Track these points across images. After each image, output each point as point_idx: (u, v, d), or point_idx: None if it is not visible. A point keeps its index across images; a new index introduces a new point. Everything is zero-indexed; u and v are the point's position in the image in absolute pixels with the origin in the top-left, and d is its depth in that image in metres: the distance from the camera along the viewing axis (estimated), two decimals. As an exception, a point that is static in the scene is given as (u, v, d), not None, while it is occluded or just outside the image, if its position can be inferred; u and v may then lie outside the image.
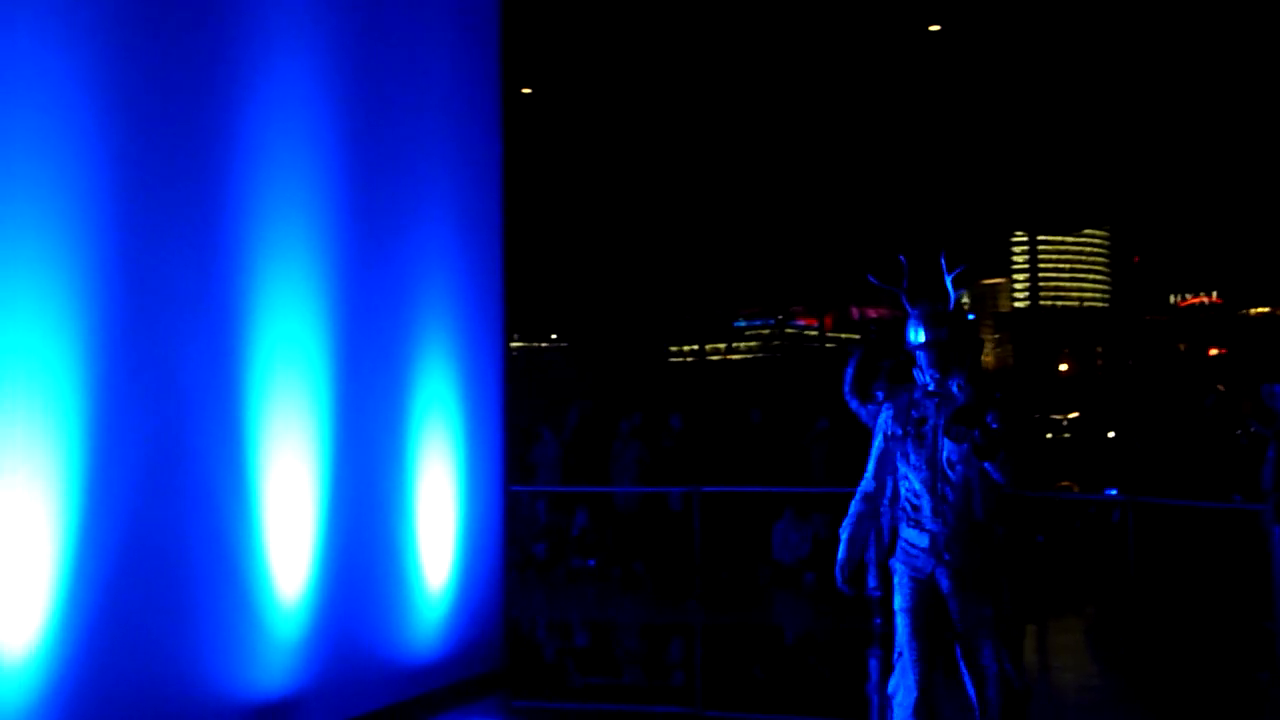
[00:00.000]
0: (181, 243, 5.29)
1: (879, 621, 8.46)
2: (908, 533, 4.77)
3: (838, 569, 4.80)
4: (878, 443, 4.89)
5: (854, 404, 8.30)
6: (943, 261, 4.94)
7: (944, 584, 4.68)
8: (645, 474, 12.27)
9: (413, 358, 6.61)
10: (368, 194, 6.32)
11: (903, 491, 4.82)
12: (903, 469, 4.81)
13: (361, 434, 6.20)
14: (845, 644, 9.03)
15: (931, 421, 4.74)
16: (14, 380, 4.59)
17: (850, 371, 8.17)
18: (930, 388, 4.77)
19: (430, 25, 6.83)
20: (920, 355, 4.80)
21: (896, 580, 4.78)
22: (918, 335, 4.79)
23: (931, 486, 4.70)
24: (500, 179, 7.39)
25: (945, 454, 4.69)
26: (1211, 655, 8.56)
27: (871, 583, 8.51)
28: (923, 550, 4.71)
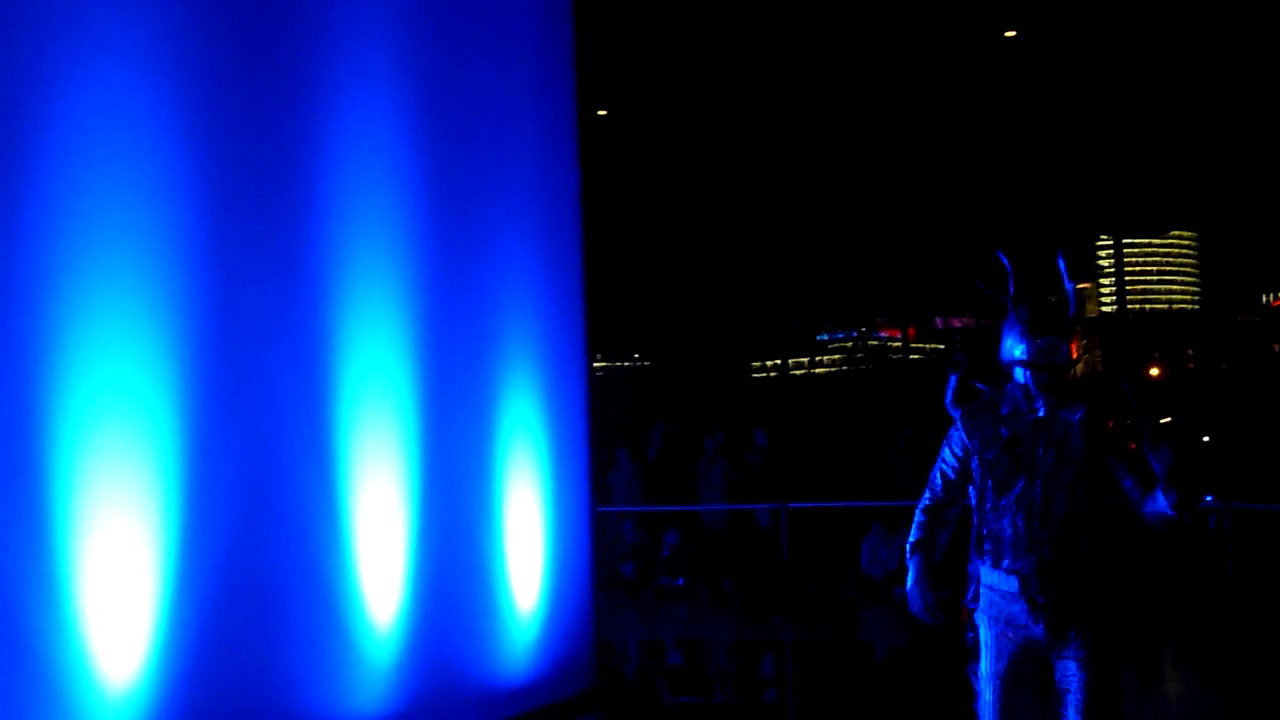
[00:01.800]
0: (269, 274, 5.39)
1: (972, 636, 8.33)
2: (989, 576, 4.01)
3: (911, 595, 4.14)
4: (943, 464, 4.20)
5: (956, 415, 8.12)
6: (1061, 262, 4.27)
7: (1042, 634, 3.91)
8: (732, 491, 12.25)
9: (497, 381, 6.67)
10: (448, 219, 6.40)
11: (981, 528, 4.05)
12: (981, 501, 4.05)
13: (449, 458, 6.26)
14: (938, 660, 8.94)
15: (1032, 450, 3.97)
16: (114, 416, 4.70)
17: (954, 381, 8.02)
18: (1039, 414, 4.00)
19: (506, 52, 6.91)
20: (1026, 375, 4.02)
21: (983, 637, 4.06)
22: (1026, 348, 4.02)
23: (1026, 522, 3.95)
24: (579, 199, 7.45)
25: (1040, 488, 3.94)
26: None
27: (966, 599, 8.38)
28: (1010, 594, 3.94)
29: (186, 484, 4.94)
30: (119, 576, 4.67)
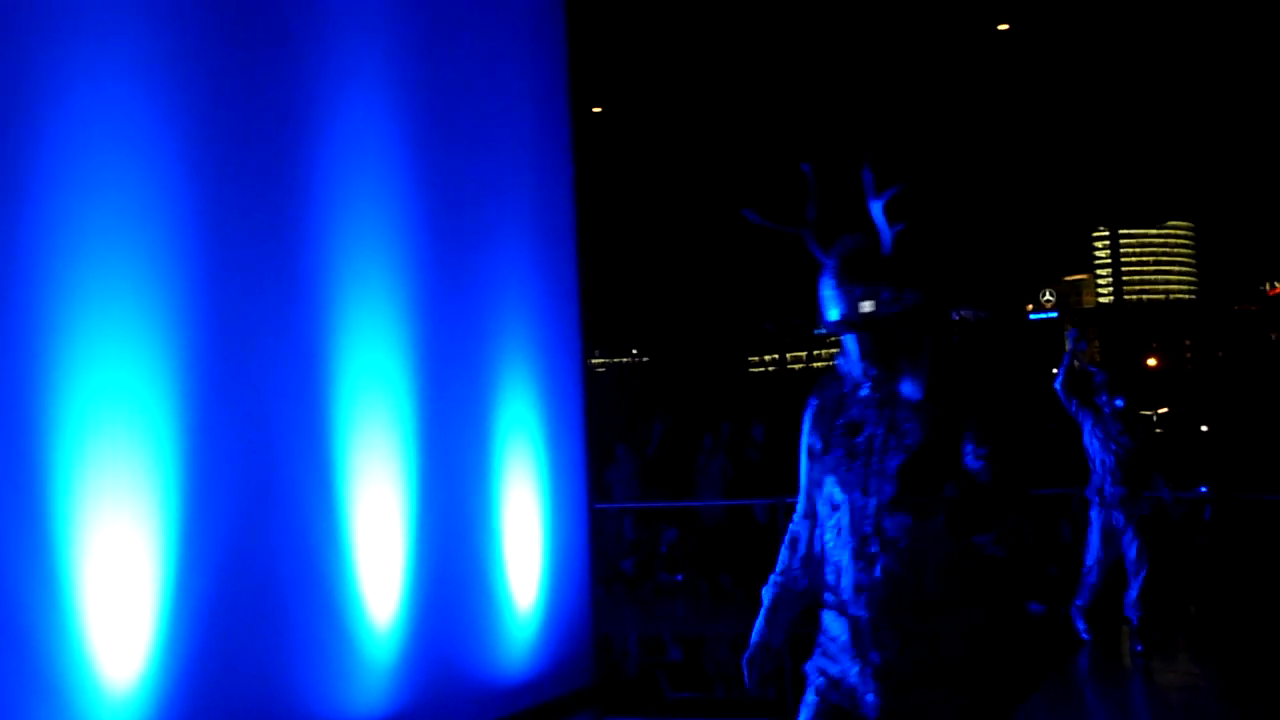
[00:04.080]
0: (264, 276, 5.41)
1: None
2: (825, 617, 3.09)
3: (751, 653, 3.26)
4: (804, 469, 3.19)
5: (1067, 401, 7.94)
6: (867, 179, 3.13)
7: (870, 704, 2.95)
8: (730, 487, 12.28)
9: (494, 379, 6.69)
10: (443, 219, 6.41)
11: (823, 547, 3.10)
12: (823, 511, 3.09)
13: (447, 457, 6.28)
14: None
15: (868, 432, 3.02)
16: (113, 419, 4.72)
17: (1066, 361, 7.81)
18: (864, 392, 3.06)
19: (498, 51, 6.92)
20: (852, 341, 3.04)
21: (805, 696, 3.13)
22: (838, 303, 3.04)
23: (857, 543, 2.97)
24: (573, 197, 7.46)
25: (875, 498, 2.95)
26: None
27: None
28: (840, 647, 3.01)
29: (185, 486, 4.96)
30: (119, 578, 4.69)
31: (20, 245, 4.53)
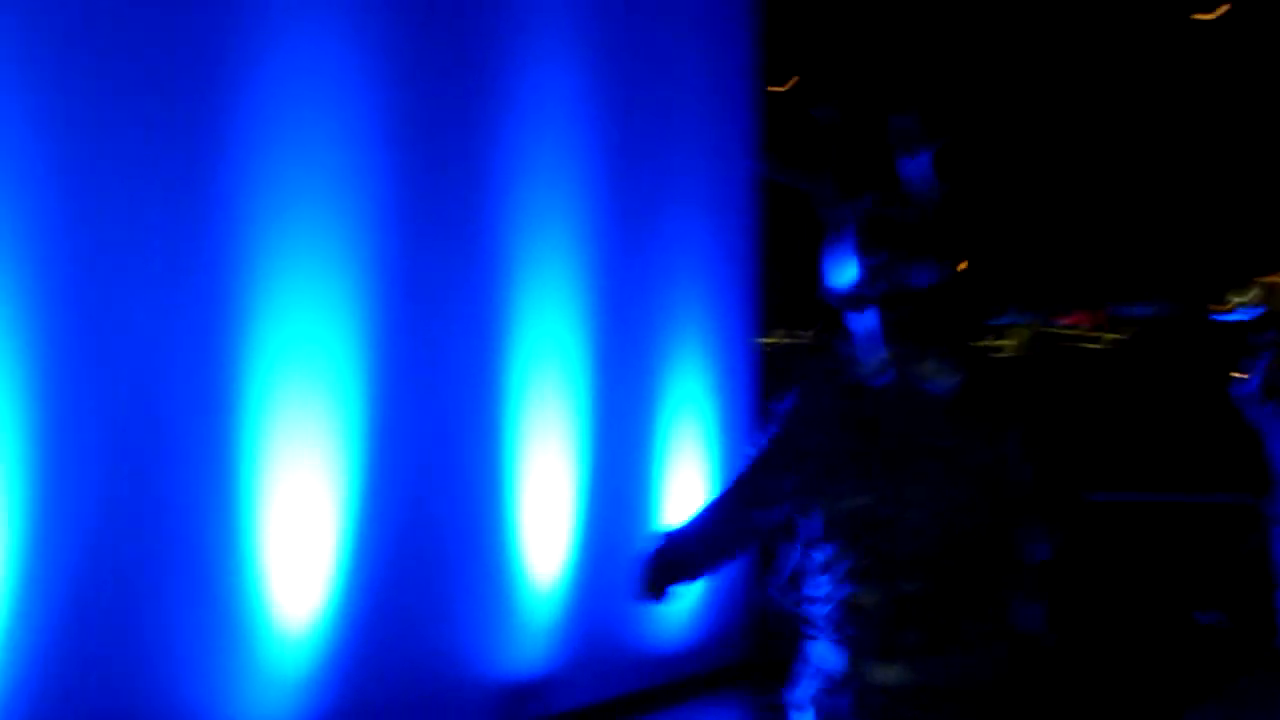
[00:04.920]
0: (450, 234, 5.58)
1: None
2: (813, 648, 2.56)
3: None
4: (769, 466, 2.60)
5: (1260, 407, 7.18)
6: (906, 124, 2.71)
7: None
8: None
9: (666, 352, 6.76)
10: (623, 190, 6.49)
11: (810, 565, 2.56)
12: (808, 527, 2.54)
13: (615, 426, 6.38)
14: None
15: (883, 438, 2.48)
16: (304, 374, 4.94)
17: (1267, 360, 7.08)
18: (887, 380, 2.50)
19: (683, 19, 6.93)
20: (860, 321, 2.50)
21: None
22: (857, 270, 2.47)
23: (877, 563, 2.46)
24: (751, 171, 7.45)
25: (890, 502, 2.45)
26: None
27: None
28: (838, 680, 2.50)
29: (367, 440, 5.16)
30: (304, 527, 4.91)
31: (217, 198, 4.75)
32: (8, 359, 4.11)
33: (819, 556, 2.53)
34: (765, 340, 7.39)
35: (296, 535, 4.89)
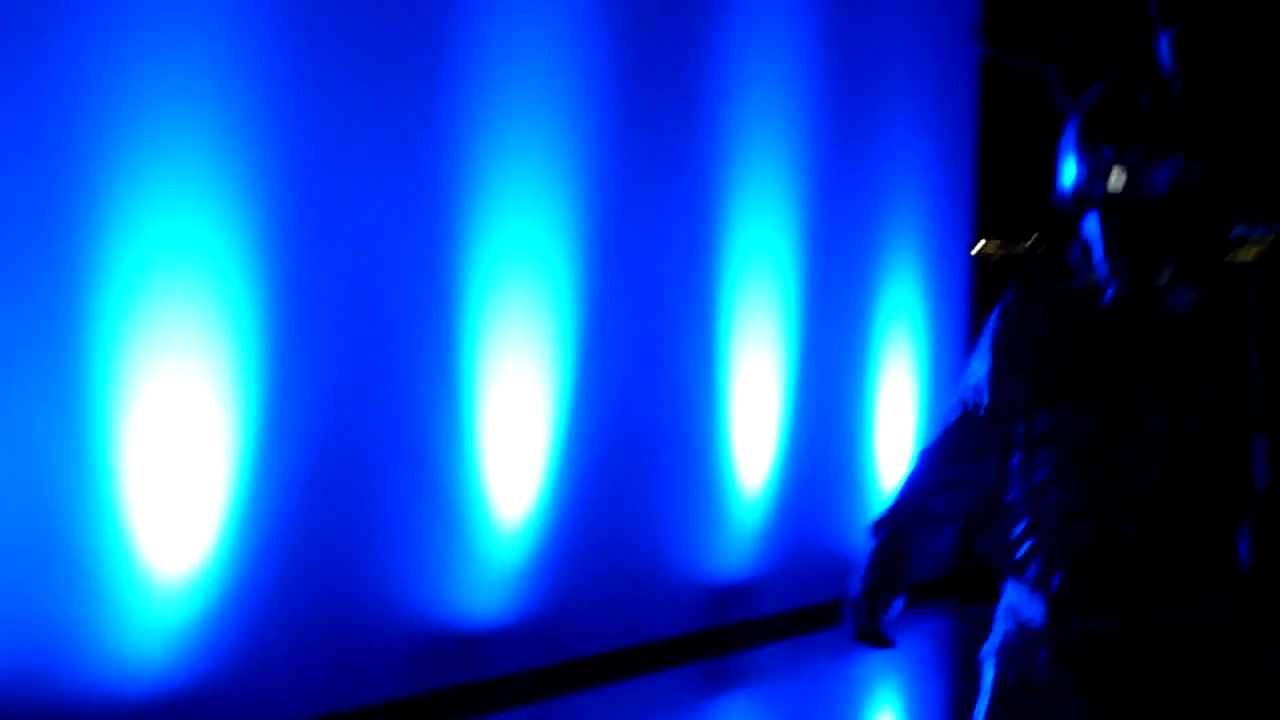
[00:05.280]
0: (666, 142, 5.62)
1: None
2: (1015, 593, 2.37)
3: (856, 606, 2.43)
4: (965, 392, 2.40)
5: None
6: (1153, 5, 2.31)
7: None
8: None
9: (880, 261, 6.69)
10: (840, 93, 6.38)
11: (1017, 492, 2.33)
12: (1024, 464, 2.29)
13: (826, 337, 6.37)
14: None
15: (1104, 362, 2.21)
16: (523, 277, 5.08)
17: None
18: (1111, 298, 2.23)
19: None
20: (1094, 223, 2.22)
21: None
22: (1080, 169, 2.21)
23: (1086, 494, 2.22)
24: (976, 83, 7.25)
25: (1112, 431, 2.20)
26: None
27: None
28: (1033, 634, 2.29)
29: (580, 342, 5.28)
30: (517, 425, 5.08)
31: (446, 93, 4.87)
32: (249, 240, 4.32)
33: (1021, 488, 2.30)
34: (984, 249, 7.20)
35: (512, 434, 5.07)
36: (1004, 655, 2.35)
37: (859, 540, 2.45)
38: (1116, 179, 2.15)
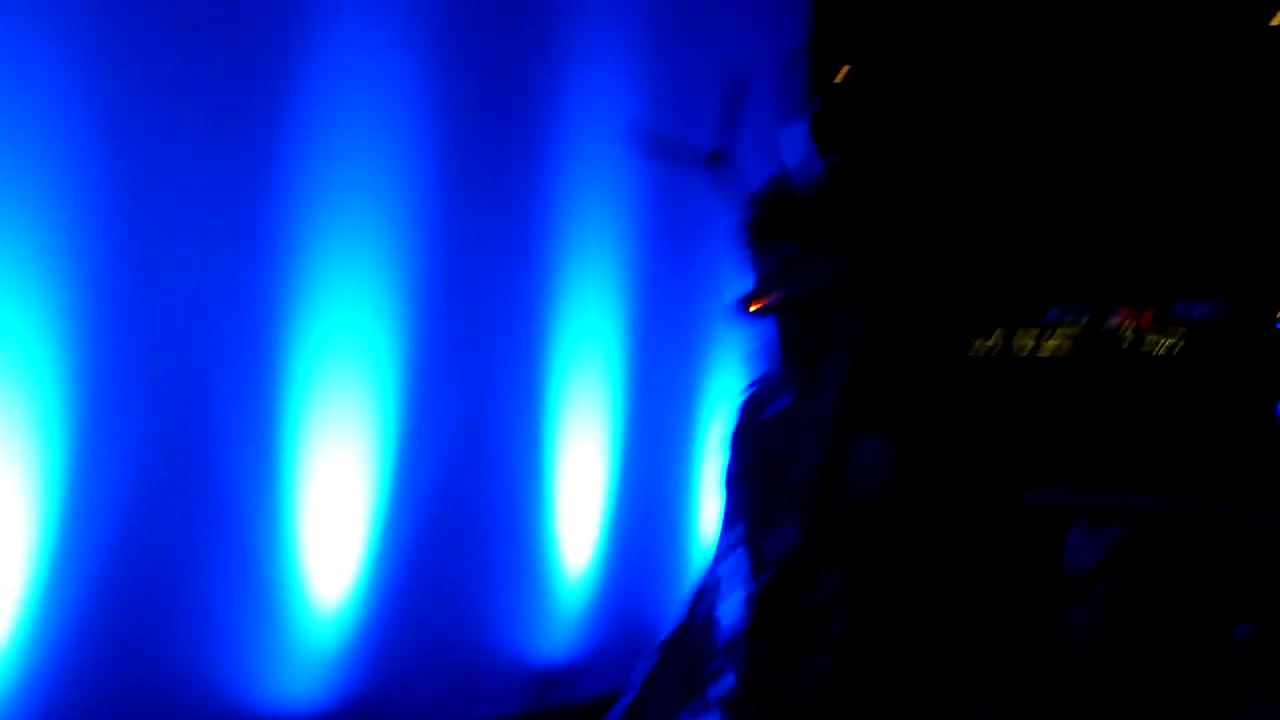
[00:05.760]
0: (491, 231, 5.65)
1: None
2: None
3: None
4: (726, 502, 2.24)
5: None
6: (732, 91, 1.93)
7: None
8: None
9: (705, 349, 6.79)
10: (669, 198, 6.50)
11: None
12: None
13: (653, 421, 6.43)
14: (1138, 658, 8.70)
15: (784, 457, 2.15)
16: (343, 363, 5.05)
17: None
18: (781, 403, 2.15)
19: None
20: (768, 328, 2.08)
21: None
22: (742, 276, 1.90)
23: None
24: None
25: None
26: None
27: None
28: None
29: (402, 426, 5.27)
30: (337, 510, 5.04)
31: (275, 189, 4.83)
32: (53, 339, 4.22)
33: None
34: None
35: (332, 519, 5.00)
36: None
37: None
38: (774, 279, 1.85)
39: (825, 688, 2.15)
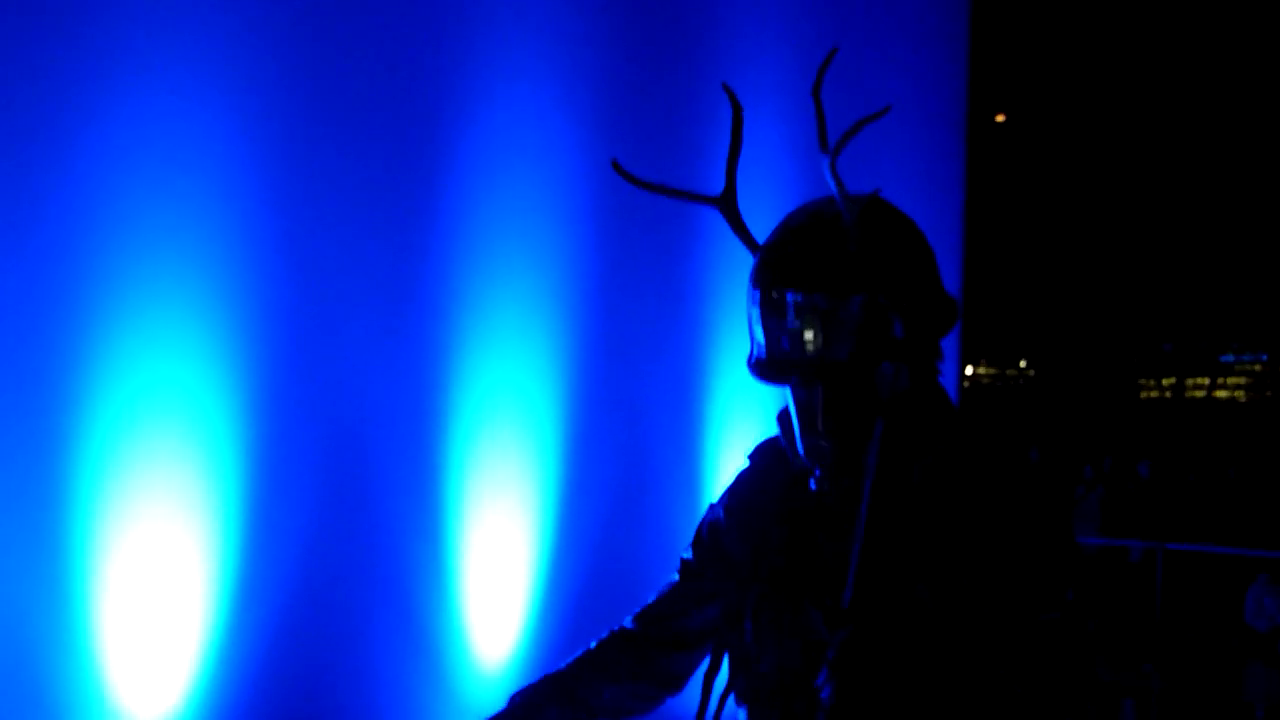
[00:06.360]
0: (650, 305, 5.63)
1: None
2: None
3: None
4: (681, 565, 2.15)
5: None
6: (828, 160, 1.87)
7: None
8: (1106, 524, 11.77)
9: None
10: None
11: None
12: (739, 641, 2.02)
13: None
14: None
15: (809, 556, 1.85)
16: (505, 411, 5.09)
17: None
18: (814, 484, 1.91)
19: (894, 50, 6.81)
20: (787, 397, 1.93)
21: None
22: (757, 333, 1.93)
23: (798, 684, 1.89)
24: (961, 197, 7.33)
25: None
26: None
27: None
28: None
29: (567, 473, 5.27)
30: (500, 561, 5.04)
31: (434, 240, 4.93)
32: (233, 383, 4.33)
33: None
34: (979, 372, 7.23)
35: (494, 576, 5.03)
36: None
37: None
38: (795, 337, 1.79)
39: None
